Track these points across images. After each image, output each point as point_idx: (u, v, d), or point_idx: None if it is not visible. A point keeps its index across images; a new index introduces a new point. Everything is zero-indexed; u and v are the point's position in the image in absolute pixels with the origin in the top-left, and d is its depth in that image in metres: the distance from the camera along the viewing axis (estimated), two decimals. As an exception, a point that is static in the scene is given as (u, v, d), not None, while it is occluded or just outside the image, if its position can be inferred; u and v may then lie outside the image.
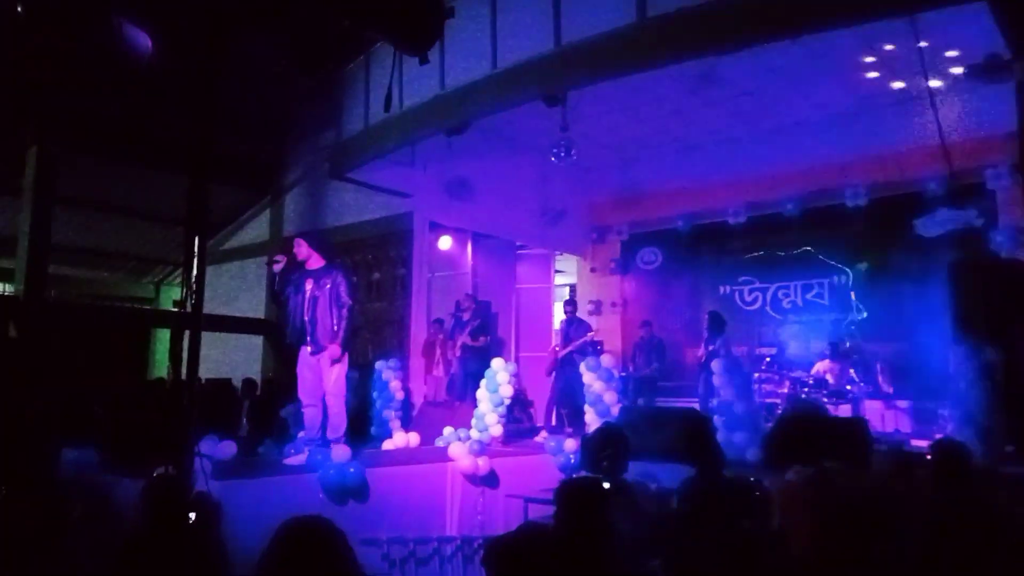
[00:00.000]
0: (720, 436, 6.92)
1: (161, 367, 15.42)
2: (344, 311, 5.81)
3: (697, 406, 8.93)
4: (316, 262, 6.01)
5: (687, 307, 11.92)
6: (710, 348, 9.19)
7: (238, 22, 2.32)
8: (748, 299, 11.49)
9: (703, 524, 4.50)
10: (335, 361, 5.78)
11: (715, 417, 7.26)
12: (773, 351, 10.24)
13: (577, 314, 10.15)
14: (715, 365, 7.50)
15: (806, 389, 9.03)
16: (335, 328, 5.78)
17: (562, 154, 9.06)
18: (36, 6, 2.40)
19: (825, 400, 8.75)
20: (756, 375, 8.88)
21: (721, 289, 11.70)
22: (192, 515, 3.14)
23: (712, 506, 4.74)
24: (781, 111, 10.17)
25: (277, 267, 5.95)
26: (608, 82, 7.84)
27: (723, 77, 8.95)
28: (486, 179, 10.92)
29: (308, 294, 5.87)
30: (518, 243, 12.68)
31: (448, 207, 10.65)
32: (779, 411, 8.92)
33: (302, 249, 6.02)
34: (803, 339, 10.56)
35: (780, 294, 11.18)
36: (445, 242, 11.42)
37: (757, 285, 11.41)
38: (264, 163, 12.85)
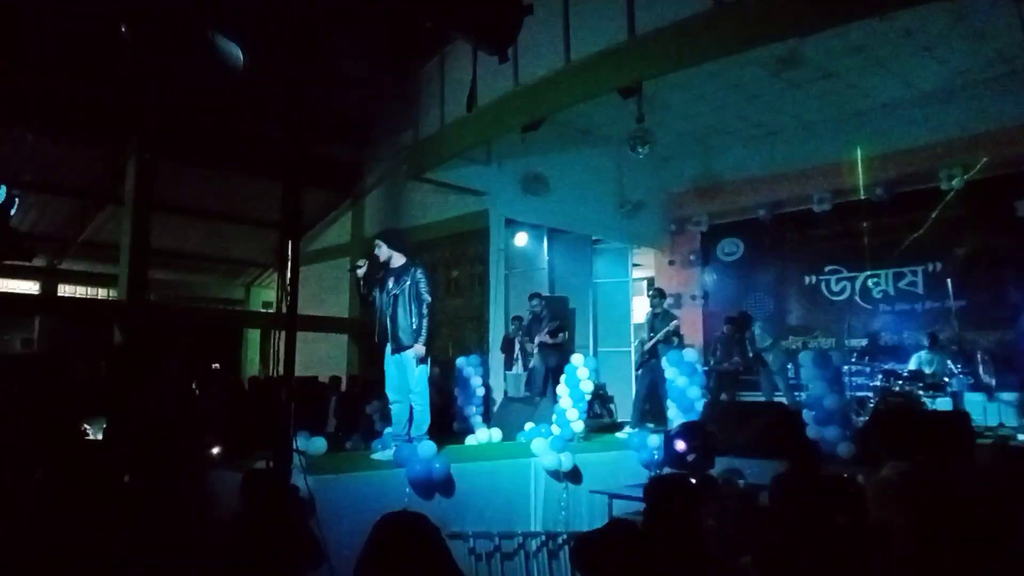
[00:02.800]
0: (810, 431, 6.71)
1: (253, 366, 16.07)
2: (424, 308, 5.84)
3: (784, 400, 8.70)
4: (397, 261, 6.07)
5: (771, 298, 11.62)
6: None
7: (324, 27, 2.39)
8: (835, 289, 11.09)
9: (796, 520, 4.38)
10: (420, 360, 5.84)
11: (804, 411, 7.04)
12: (864, 343, 9.85)
13: (655, 304, 9.98)
14: (803, 358, 7.28)
15: (901, 382, 8.65)
16: (414, 326, 5.83)
17: (639, 145, 8.95)
18: (137, 25, 2.53)
19: (922, 393, 8.36)
20: (846, 368, 8.54)
21: (806, 279, 11.34)
22: (288, 507, 3.26)
23: (805, 502, 4.61)
24: (868, 92, 9.77)
25: (360, 271, 6.04)
26: (685, 70, 7.70)
27: (805, 59, 8.66)
28: (562, 174, 10.91)
29: (389, 293, 5.95)
30: (595, 237, 12.61)
31: (524, 203, 10.68)
32: (872, 405, 8.58)
33: (382, 250, 6.08)
34: (896, 330, 10.13)
35: (870, 283, 10.73)
36: (522, 238, 11.46)
37: (845, 274, 11.00)
38: (346, 165, 13.19)
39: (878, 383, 8.77)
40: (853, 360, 8.98)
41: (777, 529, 4.36)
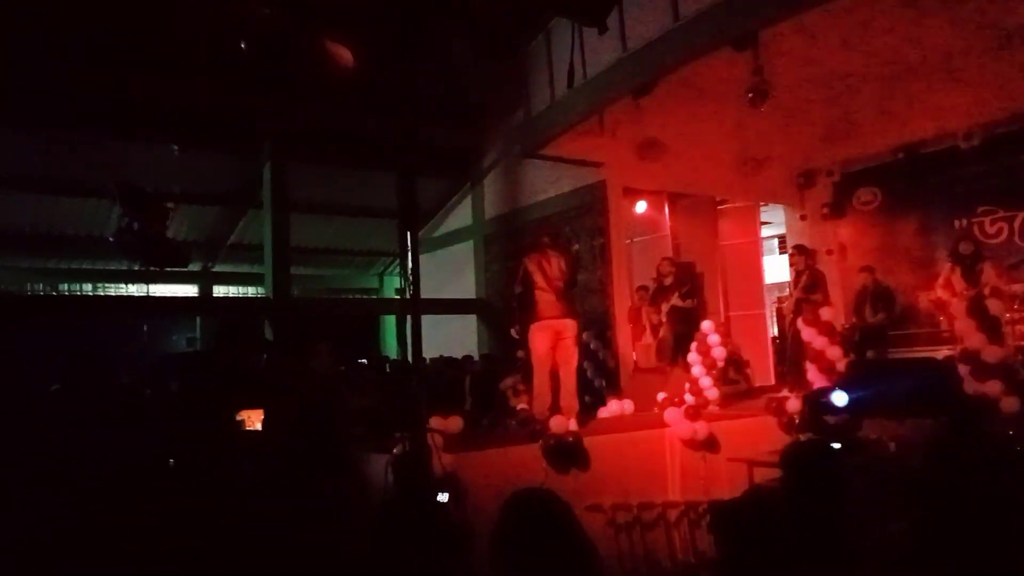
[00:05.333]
0: (968, 386, 6.25)
1: (391, 351, 16.82)
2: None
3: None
4: None
5: (916, 247, 10.82)
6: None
7: (426, 19, 2.45)
8: (991, 231, 10.17)
9: (955, 485, 4.10)
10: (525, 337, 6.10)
11: (959, 366, 6.56)
12: (1027, 287, 9.00)
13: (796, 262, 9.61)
14: (956, 308, 6.77)
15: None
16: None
17: (758, 99, 8.54)
18: (255, 40, 2.69)
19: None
20: (1007, 316, 7.84)
21: (956, 223, 10.46)
22: (438, 493, 3.40)
23: (966, 464, 4.31)
24: (1017, 9, 8.81)
25: None
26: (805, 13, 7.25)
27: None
28: (679, 136, 10.58)
29: None
30: (718, 198, 12.20)
31: (641, 170, 10.48)
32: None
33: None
34: (1065, 270, 9.18)
35: (1031, 221, 9.77)
36: (641, 206, 11.27)
37: (1001, 214, 10.06)
38: (463, 151, 13.45)
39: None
40: (1015, 308, 8.22)
41: (933, 495, 4.11)
